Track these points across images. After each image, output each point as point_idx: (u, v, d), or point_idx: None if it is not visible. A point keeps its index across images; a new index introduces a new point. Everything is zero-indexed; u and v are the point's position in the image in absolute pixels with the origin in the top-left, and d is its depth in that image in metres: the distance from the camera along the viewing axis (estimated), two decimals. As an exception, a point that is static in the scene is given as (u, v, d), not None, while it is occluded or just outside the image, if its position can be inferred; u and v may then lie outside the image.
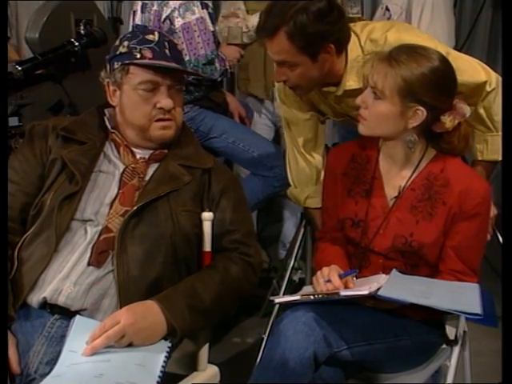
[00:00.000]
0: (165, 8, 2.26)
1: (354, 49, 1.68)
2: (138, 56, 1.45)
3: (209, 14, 2.27)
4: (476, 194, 1.46)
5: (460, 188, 1.46)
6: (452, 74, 1.45)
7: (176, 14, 2.23)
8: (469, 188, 1.46)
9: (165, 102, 1.46)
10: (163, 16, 2.27)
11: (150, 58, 1.45)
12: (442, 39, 2.58)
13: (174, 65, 1.47)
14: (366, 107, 1.46)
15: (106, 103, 1.58)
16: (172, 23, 2.25)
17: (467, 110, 1.48)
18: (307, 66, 1.63)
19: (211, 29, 2.27)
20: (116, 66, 1.48)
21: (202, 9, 2.25)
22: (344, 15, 1.65)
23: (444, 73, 1.43)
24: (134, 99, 1.47)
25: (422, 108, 1.42)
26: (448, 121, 1.45)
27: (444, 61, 1.44)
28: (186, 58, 2.23)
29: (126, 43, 1.48)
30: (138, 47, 1.46)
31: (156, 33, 1.50)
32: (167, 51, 1.48)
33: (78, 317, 1.31)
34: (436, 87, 1.41)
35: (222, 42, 2.55)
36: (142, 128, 1.49)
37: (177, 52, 1.52)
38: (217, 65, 2.28)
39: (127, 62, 1.46)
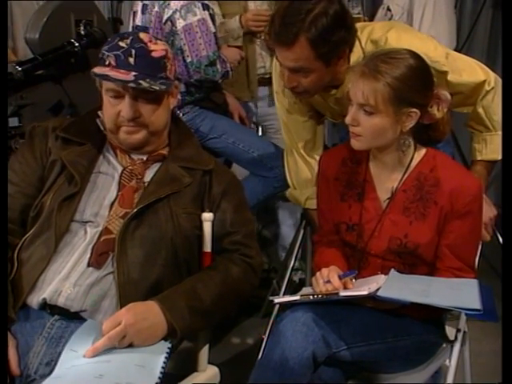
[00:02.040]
0: (166, 9, 2.25)
1: (355, 51, 1.67)
2: (106, 63, 1.43)
3: (210, 15, 2.27)
4: (467, 192, 1.45)
5: (451, 187, 1.46)
6: (427, 65, 1.46)
7: (177, 15, 2.23)
8: (459, 186, 1.46)
9: (125, 112, 1.43)
10: (164, 18, 2.26)
11: (113, 66, 1.42)
12: (444, 40, 2.58)
13: (128, 77, 1.38)
14: (358, 124, 1.44)
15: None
16: (173, 25, 2.24)
17: (448, 95, 1.49)
18: (321, 71, 1.62)
19: (212, 30, 2.27)
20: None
21: (203, 10, 2.25)
22: (353, 19, 1.65)
23: (421, 67, 1.43)
24: (105, 103, 1.47)
25: (414, 109, 1.41)
26: (436, 111, 1.46)
27: (416, 56, 1.44)
28: (188, 60, 2.24)
29: (103, 48, 1.47)
30: (106, 53, 1.44)
31: (130, 38, 1.44)
32: (131, 60, 1.41)
33: (89, 321, 1.31)
34: (420, 84, 1.42)
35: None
36: (112, 131, 1.49)
37: (146, 61, 1.42)
38: (218, 66, 2.28)
39: (92, 70, 1.44)
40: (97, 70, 1.44)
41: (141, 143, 1.50)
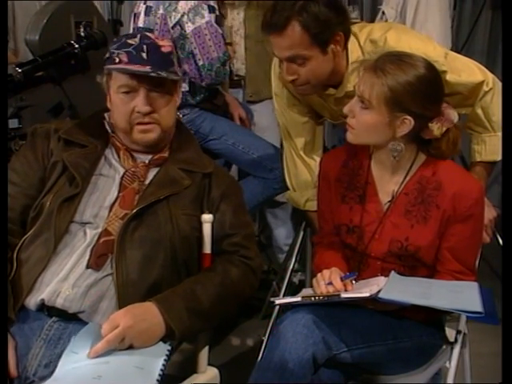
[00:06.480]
0: (173, 13, 2.24)
1: (354, 50, 1.67)
2: (117, 60, 1.44)
3: (216, 16, 2.27)
4: (469, 196, 1.45)
5: (453, 190, 1.46)
6: (439, 80, 1.44)
7: (185, 18, 2.22)
8: (461, 190, 1.45)
9: (141, 106, 1.44)
10: (173, 22, 2.24)
11: (125, 63, 1.43)
12: (437, 41, 2.58)
13: (145, 69, 1.41)
14: (354, 116, 1.45)
15: (107, 107, 1.58)
16: (182, 28, 2.24)
17: (455, 115, 1.47)
18: (318, 59, 1.62)
19: (220, 31, 2.27)
20: (105, 70, 1.49)
21: (210, 13, 2.25)
22: (346, 8, 1.66)
23: (431, 80, 1.41)
24: (117, 103, 1.47)
25: (409, 117, 1.40)
26: (436, 128, 1.45)
27: (430, 67, 1.42)
28: (200, 63, 2.24)
29: (110, 48, 1.49)
30: (116, 52, 1.45)
31: (138, 36, 1.47)
32: (144, 55, 1.44)
33: (91, 323, 1.31)
34: (423, 95, 1.40)
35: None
36: (125, 131, 1.49)
37: (158, 55, 1.45)
38: (227, 66, 2.28)
39: (106, 66, 1.47)
40: (110, 66, 1.45)
41: (155, 142, 1.50)
